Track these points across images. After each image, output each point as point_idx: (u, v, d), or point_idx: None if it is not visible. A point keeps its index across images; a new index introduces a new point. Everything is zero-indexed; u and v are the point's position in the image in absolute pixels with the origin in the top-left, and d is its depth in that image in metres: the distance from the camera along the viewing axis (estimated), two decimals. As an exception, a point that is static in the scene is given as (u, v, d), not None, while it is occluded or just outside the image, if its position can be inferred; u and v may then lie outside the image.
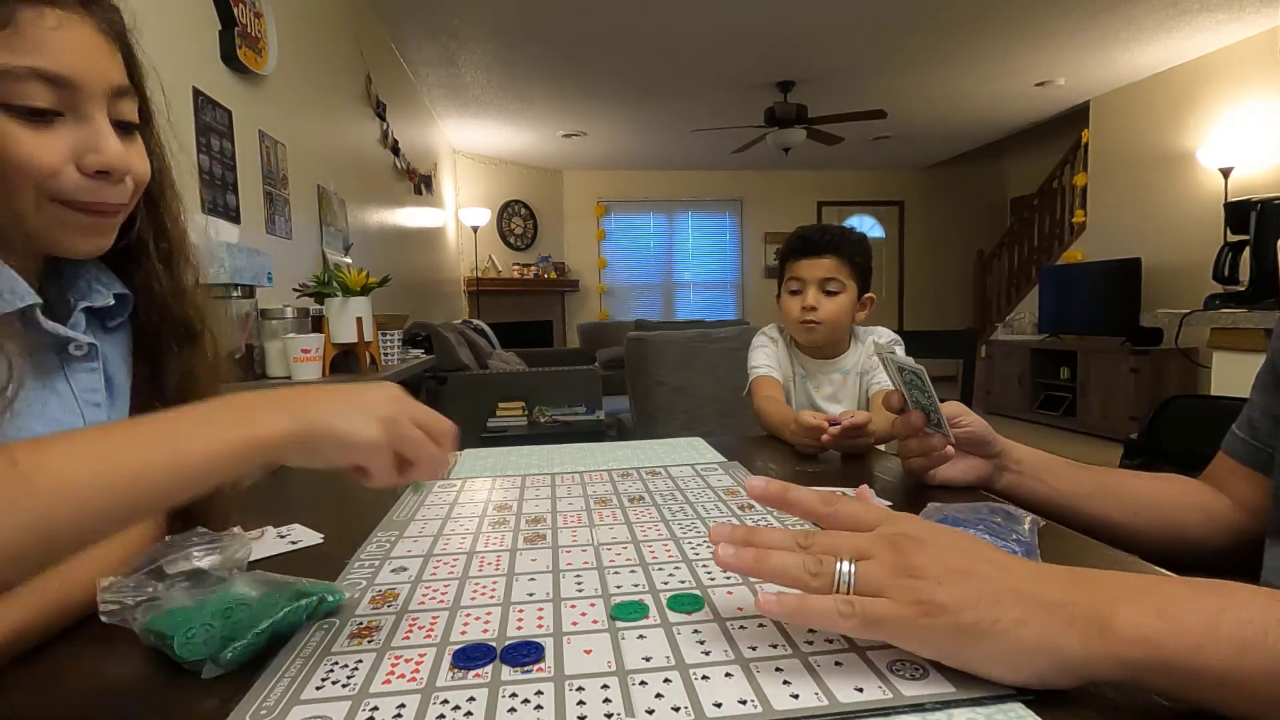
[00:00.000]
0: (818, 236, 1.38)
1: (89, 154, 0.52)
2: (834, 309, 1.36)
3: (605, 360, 5.89)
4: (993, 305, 7.32)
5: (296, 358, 1.92)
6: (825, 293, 1.36)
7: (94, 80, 0.52)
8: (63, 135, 0.51)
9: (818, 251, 1.37)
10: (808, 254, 1.38)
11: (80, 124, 0.52)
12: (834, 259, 1.36)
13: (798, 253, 1.40)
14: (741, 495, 0.81)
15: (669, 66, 5.05)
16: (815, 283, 1.36)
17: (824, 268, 1.37)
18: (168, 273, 0.64)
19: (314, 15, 3.11)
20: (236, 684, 0.42)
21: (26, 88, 0.49)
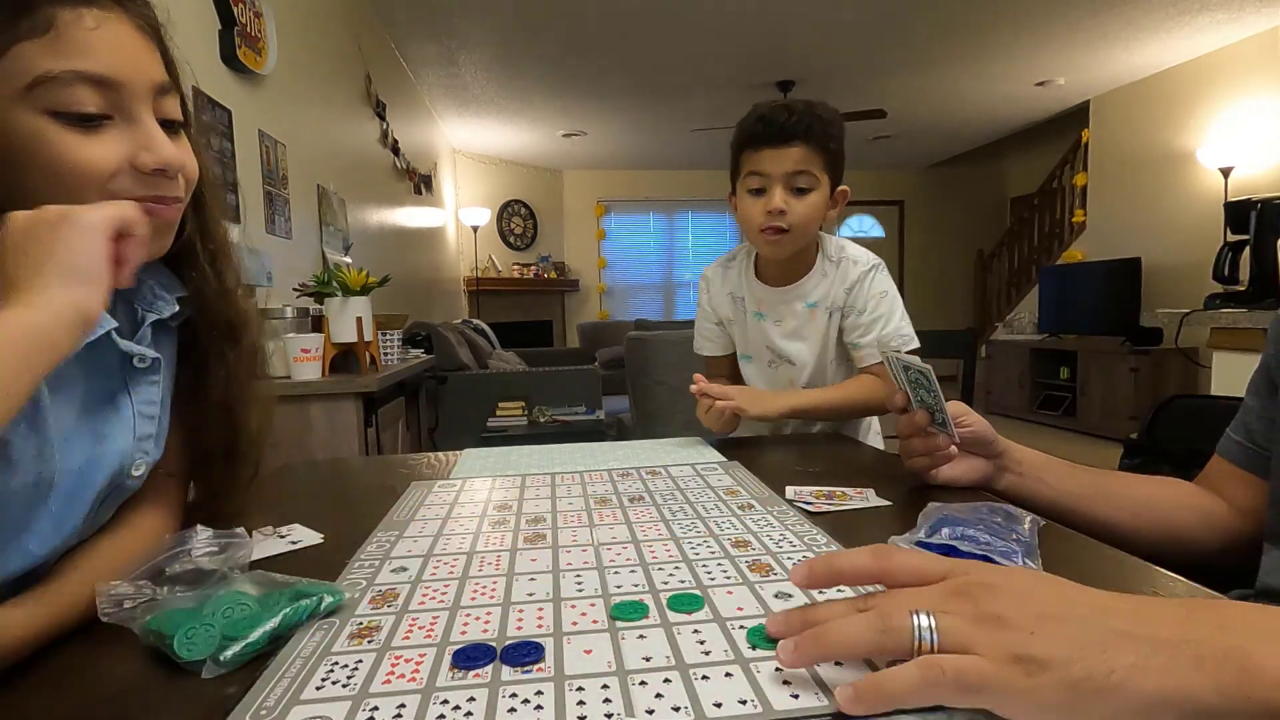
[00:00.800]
0: (783, 118, 1.09)
1: (142, 153, 0.52)
2: (805, 211, 1.12)
3: (605, 360, 5.88)
4: (993, 305, 7.32)
5: (296, 357, 1.92)
6: (794, 190, 1.11)
7: (138, 79, 0.52)
8: (114, 138, 0.51)
9: (784, 139, 1.10)
10: (771, 142, 1.10)
11: (129, 125, 0.52)
12: (804, 147, 1.10)
13: (758, 140, 1.11)
14: (742, 495, 0.81)
15: (669, 66, 5.05)
16: (782, 179, 1.11)
17: (792, 159, 1.10)
18: (215, 274, 0.64)
19: (313, 15, 3.11)
20: (236, 684, 0.42)
21: (74, 92, 0.49)
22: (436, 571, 0.59)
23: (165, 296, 0.61)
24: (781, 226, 1.12)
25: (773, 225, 1.12)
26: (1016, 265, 7.01)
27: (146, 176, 0.53)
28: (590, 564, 0.60)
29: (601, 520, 0.72)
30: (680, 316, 8.23)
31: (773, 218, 1.11)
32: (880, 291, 1.19)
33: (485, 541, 0.67)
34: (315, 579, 0.53)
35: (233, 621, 0.45)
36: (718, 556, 0.60)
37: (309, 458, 1.82)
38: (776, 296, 1.22)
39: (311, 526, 0.73)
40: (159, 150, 0.53)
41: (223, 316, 0.64)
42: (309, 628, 0.49)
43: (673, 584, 0.54)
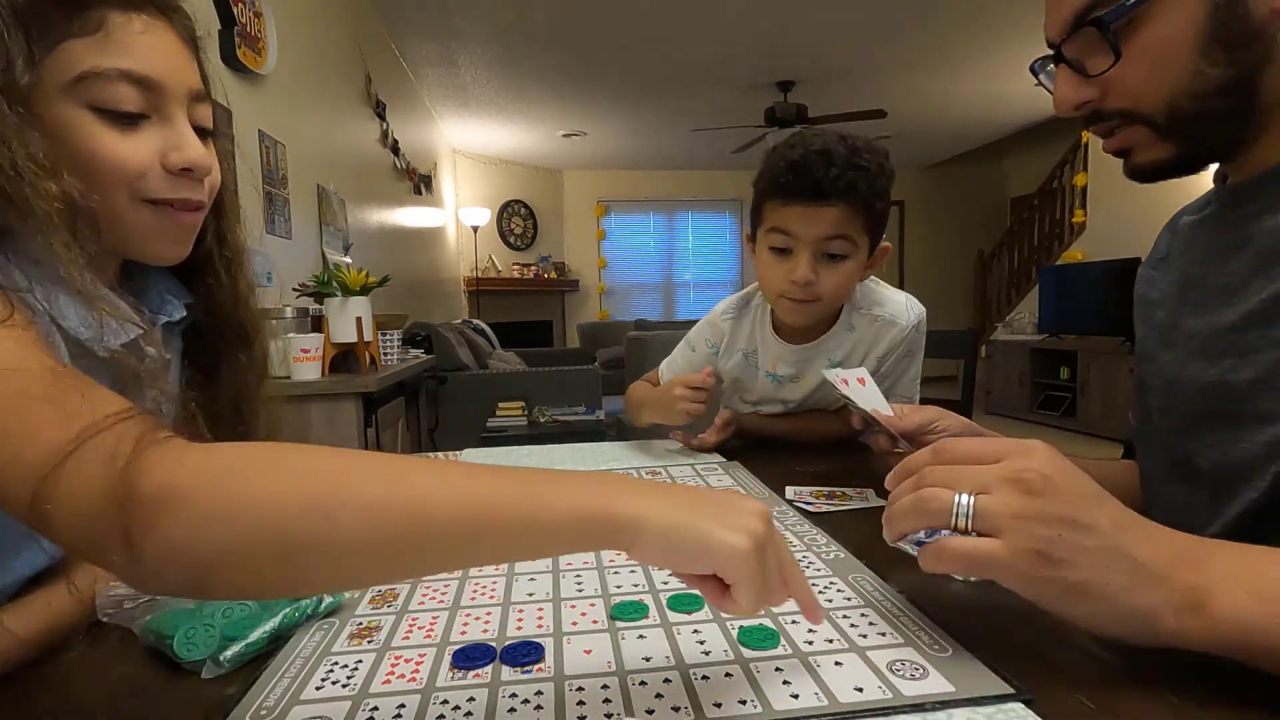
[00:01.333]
0: (820, 172, 0.90)
1: (173, 152, 0.54)
2: (837, 281, 0.96)
3: (605, 360, 5.88)
4: (993, 305, 7.32)
5: (296, 357, 1.92)
6: (827, 256, 0.94)
7: (176, 83, 0.55)
8: (148, 137, 0.53)
9: (818, 196, 0.91)
10: (803, 198, 0.92)
11: (164, 125, 0.54)
12: (843, 208, 0.92)
13: (788, 194, 0.93)
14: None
15: (669, 66, 5.05)
16: (812, 244, 0.93)
17: (827, 222, 0.92)
18: (230, 281, 0.65)
19: (314, 15, 3.11)
20: (236, 684, 0.42)
21: (116, 89, 0.51)
22: (436, 571, 0.59)
23: (173, 300, 0.62)
24: (808, 300, 0.96)
25: (799, 298, 0.96)
26: (1016, 265, 7.01)
27: (173, 177, 0.55)
28: (590, 564, 0.60)
29: (601, 520, 0.72)
30: (680, 317, 8.23)
31: (798, 288, 0.95)
32: (910, 353, 1.07)
33: (485, 541, 0.67)
34: (315, 579, 0.53)
35: (233, 621, 0.45)
36: (718, 556, 0.60)
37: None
38: (795, 355, 1.06)
39: (311, 526, 0.73)
40: (188, 150, 0.55)
41: (236, 321, 0.66)
42: (309, 628, 0.49)
43: (673, 584, 0.54)
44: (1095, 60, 0.56)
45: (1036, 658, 0.42)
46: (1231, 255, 0.60)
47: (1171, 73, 0.54)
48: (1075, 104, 0.59)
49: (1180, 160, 0.58)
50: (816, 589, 0.53)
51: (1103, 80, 0.57)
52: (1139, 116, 0.57)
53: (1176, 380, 0.65)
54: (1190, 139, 0.57)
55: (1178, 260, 0.69)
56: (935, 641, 0.44)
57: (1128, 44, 0.54)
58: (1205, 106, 0.54)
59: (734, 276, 8.56)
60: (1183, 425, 0.63)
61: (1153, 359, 0.70)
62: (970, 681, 0.39)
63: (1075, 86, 0.58)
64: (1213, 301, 0.61)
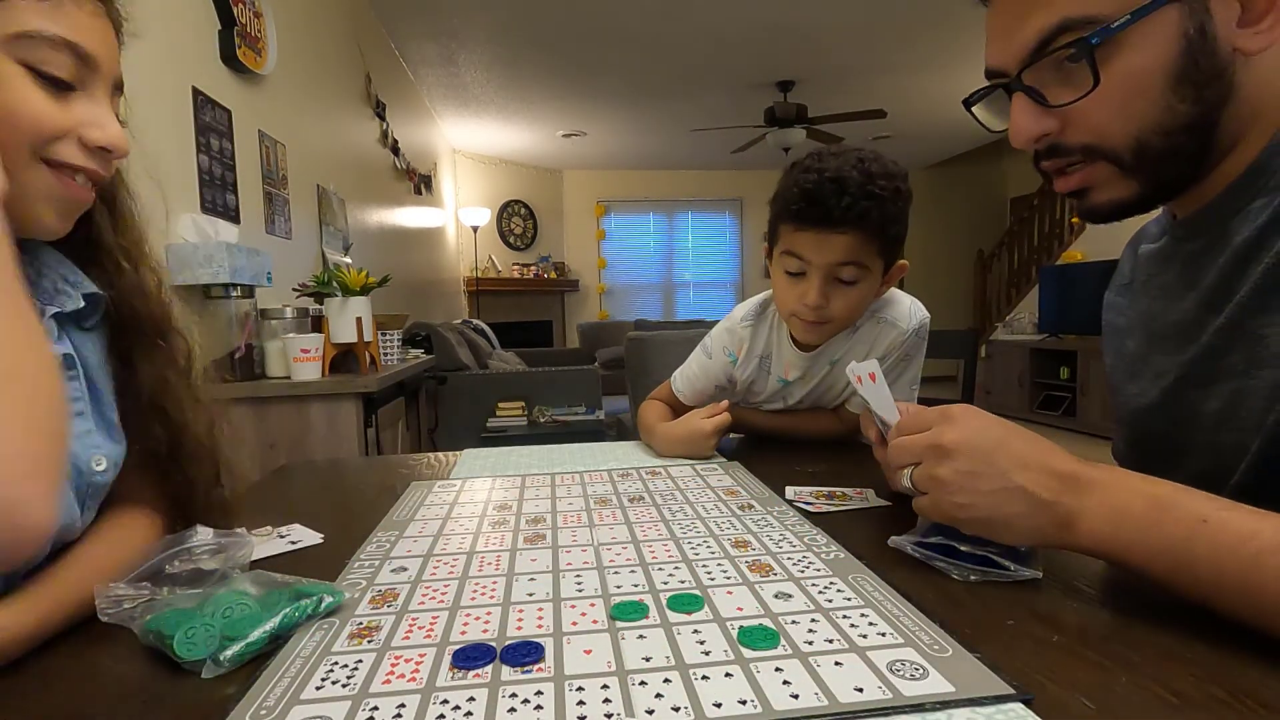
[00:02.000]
0: (832, 200, 0.90)
1: (95, 129, 0.54)
2: (848, 304, 0.98)
3: (605, 360, 5.88)
4: (993, 305, 7.32)
5: (296, 357, 1.92)
6: (839, 281, 0.96)
7: (108, 66, 0.56)
8: (74, 108, 0.54)
9: (829, 224, 0.92)
10: (816, 225, 0.93)
11: (91, 102, 0.55)
12: (856, 236, 0.92)
13: (801, 220, 0.94)
14: (741, 495, 0.81)
15: (669, 66, 5.05)
16: (824, 269, 0.95)
17: (839, 249, 0.93)
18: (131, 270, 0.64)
19: (314, 15, 3.11)
20: (236, 684, 0.42)
21: (56, 55, 0.51)
22: (436, 571, 0.59)
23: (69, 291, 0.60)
24: (819, 322, 0.99)
25: (810, 320, 0.99)
26: (1016, 265, 7.01)
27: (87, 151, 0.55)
28: (590, 564, 0.60)
29: (601, 520, 0.72)
30: (680, 317, 8.23)
31: (809, 310, 0.97)
32: (908, 356, 1.08)
33: (485, 541, 0.67)
34: (315, 579, 0.53)
35: (233, 621, 0.45)
36: (718, 557, 0.60)
37: (309, 458, 1.82)
38: (807, 361, 1.09)
39: (311, 526, 0.73)
40: (111, 129, 0.55)
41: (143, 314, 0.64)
42: (309, 628, 0.49)
43: (673, 584, 0.54)
44: (1057, 90, 0.54)
45: (1036, 658, 0.42)
46: (1185, 292, 0.61)
47: (1141, 106, 0.52)
48: (1035, 136, 0.57)
49: (1141, 199, 0.57)
50: (816, 589, 0.53)
51: (1064, 112, 0.55)
52: (1103, 152, 0.55)
53: (1144, 413, 0.66)
54: (1154, 177, 0.55)
55: (1140, 292, 0.70)
56: (935, 641, 0.44)
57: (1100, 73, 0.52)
58: (1171, 144, 0.53)
59: (734, 277, 8.57)
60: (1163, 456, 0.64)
61: (1118, 390, 0.71)
62: (970, 681, 0.39)
63: (1035, 117, 0.56)
64: (1173, 338, 0.62)
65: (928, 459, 0.54)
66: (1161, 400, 0.64)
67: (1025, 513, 0.50)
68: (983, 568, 0.54)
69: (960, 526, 0.53)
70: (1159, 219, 0.70)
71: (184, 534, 0.53)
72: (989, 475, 0.51)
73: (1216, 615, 0.44)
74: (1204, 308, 0.58)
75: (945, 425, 0.54)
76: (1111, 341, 0.74)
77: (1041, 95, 0.55)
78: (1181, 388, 0.61)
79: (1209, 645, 0.42)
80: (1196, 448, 0.60)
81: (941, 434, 0.54)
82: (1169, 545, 0.45)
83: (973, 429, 0.53)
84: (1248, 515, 0.44)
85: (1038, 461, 0.51)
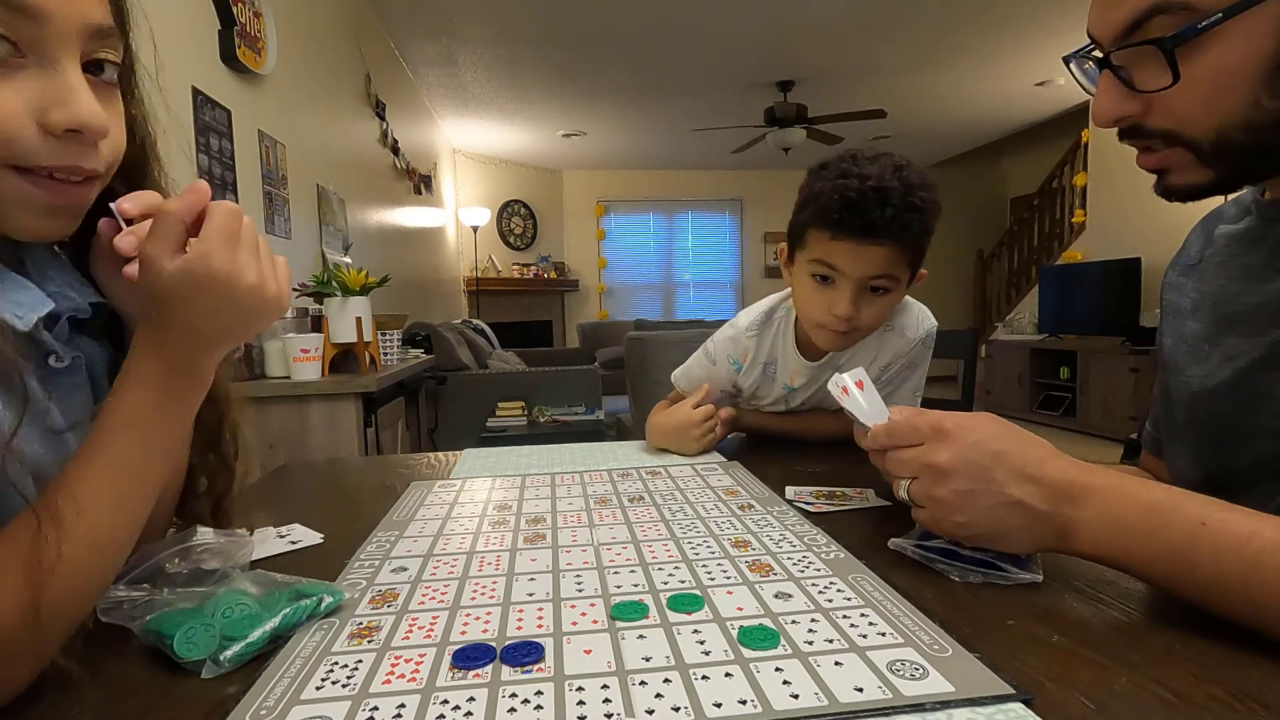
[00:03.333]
0: (875, 211, 0.87)
1: (55, 109, 0.41)
2: (877, 313, 0.96)
3: (605, 360, 5.89)
4: (993, 305, 7.32)
5: (296, 357, 1.92)
6: (870, 290, 0.93)
7: (66, 14, 0.41)
8: (21, 85, 0.41)
9: (872, 235, 0.88)
10: (854, 235, 0.89)
11: (45, 71, 0.41)
12: (893, 249, 0.90)
13: (838, 229, 0.90)
14: (742, 495, 0.81)
15: (669, 66, 5.05)
16: (858, 280, 0.92)
17: (876, 262, 0.91)
18: None
19: (314, 15, 3.11)
20: (236, 684, 0.42)
21: None
22: (436, 571, 0.59)
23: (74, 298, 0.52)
24: (847, 331, 0.96)
25: (839, 330, 0.96)
26: (1016, 265, 7.01)
27: (56, 141, 0.42)
28: (590, 564, 0.60)
29: (601, 520, 0.72)
30: (680, 316, 8.23)
31: (840, 321, 0.94)
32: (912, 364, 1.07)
33: (485, 541, 0.67)
34: (315, 579, 0.53)
35: (233, 621, 0.45)
36: (718, 557, 0.60)
37: (308, 458, 1.82)
38: (813, 370, 1.07)
39: (311, 526, 0.73)
40: (76, 106, 0.41)
41: None
42: (309, 628, 0.48)
43: (673, 584, 0.54)
44: (1146, 75, 0.53)
45: (1036, 658, 0.42)
46: (1275, 275, 0.59)
47: (1228, 101, 0.51)
48: (1116, 117, 0.56)
49: (1219, 184, 0.56)
50: (816, 589, 0.53)
51: (1149, 97, 0.53)
52: (1183, 140, 0.54)
53: (1207, 395, 0.64)
54: (1232, 168, 0.54)
55: (1213, 272, 0.67)
56: (935, 641, 0.44)
57: (1186, 65, 0.50)
58: (1256, 139, 0.52)
59: (734, 277, 8.57)
60: (1219, 439, 0.63)
61: (1179, 371, 0.68)
62: (970, 681, 0.39)
63: (1119, 99, 0.55)
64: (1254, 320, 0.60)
65: (924, 477, 0.54)
66: (1232, 382, 0.61)
67: (1024, 525, 0.50)
68: (983, 569, 0.54)
69: (962, 541, 0.54)
70: (1240, 199, 0.68)
71: (184, 534, 0.53)
72: (985, 493, 0.51)
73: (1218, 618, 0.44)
74: None
75: (939, 444, 0.53)
76: (1171, 322, 0.72)
77: (1130, 79, 0.54)
78: (1256, 370, 0.59)
79: (1209, 645, 0.42)
80: (1264, 433, 0.58)
81: (935, 453, 0.53)
82: (1169, 550, 0.45)
83: (967, 446, 0.52)
84: (1245, 516, 0.44)
85: (1034, 473, 0.51)
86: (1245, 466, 0.61)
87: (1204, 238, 0.72)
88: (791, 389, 1.11)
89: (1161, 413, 0.75)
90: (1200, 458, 0.66)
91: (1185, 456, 0.69)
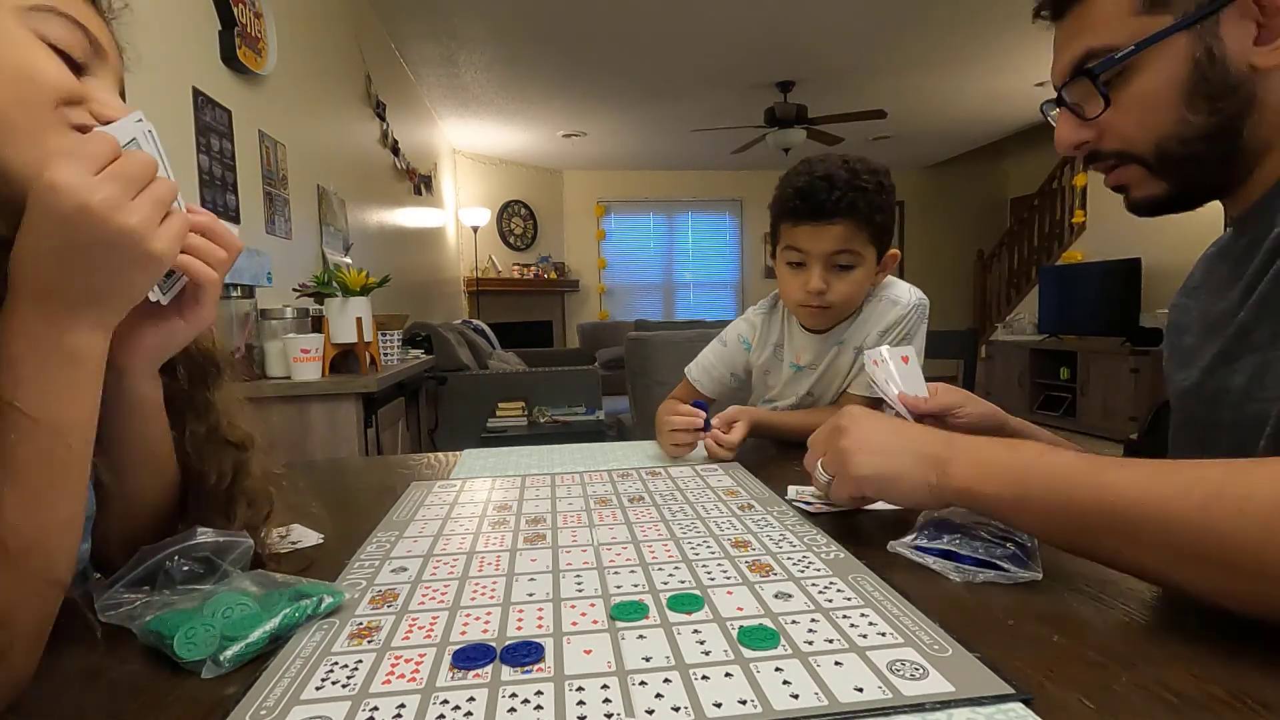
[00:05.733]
0: (823, 194, 1.03)
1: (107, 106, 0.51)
2: (847, 289, 1.08)
3: (605, 360, 5.89)
4: (993, 305, 7.32)
5: (296, 358, 1.92)
6: (837, 267, 1.07)
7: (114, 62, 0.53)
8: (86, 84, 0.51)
9: (823, 215, 1.03)
10: (810, 218, 1.05)
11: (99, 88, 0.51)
12: (847, 225, 1.04)
13: (797, 215, 1.06)
14: (742, 495, 0.81)
15: (669, 66, 5.05)
16: (822, 258, 1.06)
17: (832, 238, 1.04)
18: None
19: (314, 15, 3.11)
20: (236, 684, 0.42)
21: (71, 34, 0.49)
22: (436, 571, 0.59)
23: None
24: (821, 306, 1.08)
25: (813, 305, 1.09)
26: (1016, 265, 7.01)
27: None
28: (590, 564, 0.60)
29: (601, 520, 0.72)
30: (680, 317, 8.23)
31: (812, 296, 1.07)
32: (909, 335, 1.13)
33: (485, 542, 0.67)
34: (315, 579, 0.53)
35: (233, 621, 0.45)
36: (718, 557, 0.60)
37: (309, 458, 1.82)
38: (817, 344, 1.16)
39: (311, 526, 0.73)
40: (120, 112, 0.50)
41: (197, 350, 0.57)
42: (309, 628, 0.49)
43: (673, 584, 0.54)
44: (1091, 105, 0.63)
45: (1036, 658, 0.42)
46: (1234, 283, 0.64)
47: (1158, 119, 0.60)
48: (1074, 144, 0.67)
49: (1174, 197, 0.65)
50: (816, 589, 0.53)
51: (1098, 123, 0.64)
52: (1132, 157, 0.64)
53: (1186, 396, 0.69)
54: (1180, 178, 0.63)
55: (1202, 290, 0.74)
56: (935, 641, 0.44)
57: (1118, 93, 0.61)
58: (1191, 150, 0.60)
59: (734, 277, 8.56)
60: (1197, 438, 0.67)
61: (1169, 379, 0.74)
62: (970, 681, 0.39)
63: (1074, 128, 0.66)
64: (1218, 326, 0.65)
65: (831, 440, 0.63)
66: (1200, 381, 0.66)
67: (911, 464, 0.58)
68: (983, 569, 0.54)
69: (865, 491, 0.61)
70: None
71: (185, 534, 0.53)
72: (878, 439, 0.61)
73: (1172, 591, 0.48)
74: (1244, 293, 0.61)
75: (840, 414, 0.65)
76: (1170, 337, 0.77)
77: (1080, 110, 0.64)
78: (1215, 366, 0.64)
79: (1209, 645, 0.42)
80: (1226, 425, 0.62)
81: (838, 418, 0.64)
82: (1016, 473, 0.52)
83: (865, 411, 0.65)
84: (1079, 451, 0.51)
85: (920, 429, 0.62)
86: None
87: (1202, 264, 0.78)
88: (798, 367, 1.19)
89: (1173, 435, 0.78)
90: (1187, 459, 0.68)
91: None
